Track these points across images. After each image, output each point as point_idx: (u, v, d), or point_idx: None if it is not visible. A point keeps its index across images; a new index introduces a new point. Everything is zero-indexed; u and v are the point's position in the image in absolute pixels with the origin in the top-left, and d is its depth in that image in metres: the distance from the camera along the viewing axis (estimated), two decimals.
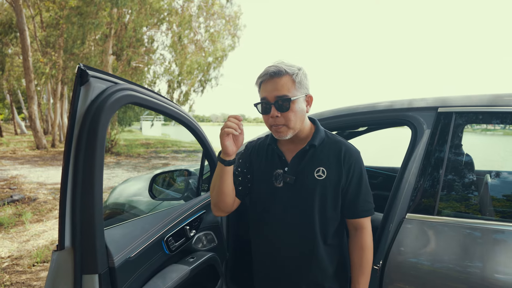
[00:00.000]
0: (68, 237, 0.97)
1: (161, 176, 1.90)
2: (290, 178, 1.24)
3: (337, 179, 1.23)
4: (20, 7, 11.70)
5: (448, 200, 1.44)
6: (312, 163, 1.25)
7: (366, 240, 1.25)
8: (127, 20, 13.55)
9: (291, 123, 1.18)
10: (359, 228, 1.26)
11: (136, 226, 1.29)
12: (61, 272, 0.99)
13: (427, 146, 1.49)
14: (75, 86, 0.90)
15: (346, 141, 1.28)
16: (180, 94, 17.57)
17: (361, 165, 1.25)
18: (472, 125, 1.56)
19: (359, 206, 1.24)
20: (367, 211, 1.25)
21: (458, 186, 1.46)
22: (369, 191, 1.27)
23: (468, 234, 1.33)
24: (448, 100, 1.53)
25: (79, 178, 0.94)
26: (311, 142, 1.25)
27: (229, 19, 16.23)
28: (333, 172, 1.23)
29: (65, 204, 0.94)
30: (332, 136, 1.30)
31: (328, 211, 1.25)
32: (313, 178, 1.23)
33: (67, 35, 12.96)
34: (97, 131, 0.94)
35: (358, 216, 1.25)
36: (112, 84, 1.01)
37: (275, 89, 1.15)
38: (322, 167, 1.23)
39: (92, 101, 0.94)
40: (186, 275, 1.42)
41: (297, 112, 1.18)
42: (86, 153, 0.94)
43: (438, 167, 1.45)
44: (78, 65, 0.89)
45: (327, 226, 1.26)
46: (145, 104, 1.13)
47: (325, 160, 1.24)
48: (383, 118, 1.65)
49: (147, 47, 15.77)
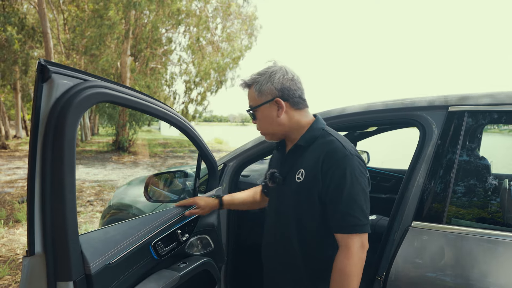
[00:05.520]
0: (39, 242, 0.93)
1: (157, 178, 1.85)
2: (278, 179, 1.22)
3: (313, 184, 1.09)
4: (43, 11, 12.07)
5: (459, 208, 1.32)
6: (296, 164, 1.18)
7: (345, 264, 1.02)
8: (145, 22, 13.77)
9: (263, 129, 1.24)
10: (340, 246, 1.06)
11: (118, 230, 1.23)
12: (34, 279, 0.95)
13: (436, 148, 1.37)
14: (36, 83, 0.85)
15: (338, 140, 1.11)
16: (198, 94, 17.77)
17: (344, 171, 1.04)
18: (489, 125, 1.43)
19: (336, 219, 1.06)
20: (347, 227, 1.03)
21: (471, 192, 1.33)
22: (357, 202, 1.04)
23: (480, 245, 1.21)
24: (460, 98, 1.40)
25: (47, 182, 0.90)
26: (298, 142, 1.19)
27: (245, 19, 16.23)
28: (310, 175, 1.10)
29: (33, 209, 0.90)
30: (327, 135, 1.15)
31: (304, 219, 1.14)
32: (294, 180, 1.16)
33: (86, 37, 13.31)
34: (64, 132, 0.89)
35: (336, 230, 1.07)
36: (81, 81, 0.96)
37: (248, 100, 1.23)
38: (303, 168, 1.14)
39: (57, 99, 0.89)
40: (176, 281, 1.36)
41: (262, 120, 1.20)
42: (54, 155, 0.89)
43: (448, 171, 1.33)
44: (38, 61, 0.85)
45: (305, 235, 1.14)
46: (122, 103, 1.08)
47: (307, 161, 1.14)
48: (389, 118, 1.54)
49: (164, 48, 15.98)
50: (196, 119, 18.98)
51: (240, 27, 16.42)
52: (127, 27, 12.98)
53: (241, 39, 16.78)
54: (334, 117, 1.71)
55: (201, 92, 17.69)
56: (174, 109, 1.40)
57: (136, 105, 1.14)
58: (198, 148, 1.62)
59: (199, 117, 18.75)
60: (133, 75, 14.20)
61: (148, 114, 1.25)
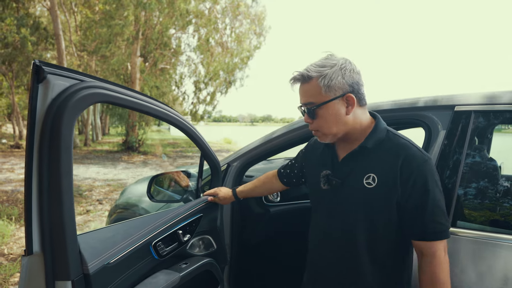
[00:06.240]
0: (37, 241, 0.93)
1: (160, 178, 1.86)
2: (336, 181, 1.12)
3: (390, 191, 1.03)
4: (56, 13, 12.30)
5: (465, 210, 1.28)
6: (362, 167, 1.08)
7: (437, 272, 1.00)
8: (154, 23, 13.90)
9: (324, 129, 1.09)
10: (426, 255, 1.03)
11: (118, 230, 1.24)
12: (33, 278, 0.96)
13: (442, 148, 1.33)
14: (31, 84, 0.86)
15: (412, 143, 1.06)
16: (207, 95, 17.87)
17: (426, 177, 1.01)
18: (500, 125, 1.39)
19: (422, 226, 1.02)
20: (435, 233, 1.01)
21: (478, 194, 1.29)
22: (440, 207, 1.02)
23: (488, 250, 1.17)
24: (466, 98, 1.35)
25: (44, 182, 0.90)
26: (364, 143, 1.08)
27: (254, 19, 16.23)
28: (386, 181, 1.03)
29: (30, 209, 0.90)
30: (394, 137, 1.08)
31: (376, 226, 1.07)
32: (361, 184, 1.06)
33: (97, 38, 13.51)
34: (61, 132, 0.89)
35: (421, 238, 1.03)
36: (77, 81, 0.96)
37: (302, 95, 1.09)
38: (374, 173, 1.05)
39: (53, 99, 0.89)
40: (176, 282, 1.36)
41: (327, 118, 1.06)
42: (51, 155, 0.90)
43: (454, 172, 1.29)
44: (33, 61, 0.85)
45: (375, 243, 1.08)
46: (120, 103, 1.08)
47: (379, 165, 1.05)
48: (392, 118, 1.50)
49: (174, 49, 16.10)
50: (205, 119, 19.09)
51: (249, 27, 16.44)
52: (137, 28, 13.13)
53: (250, 39, 16.80)
54: None
55: (210, 93, 17.79)
56: (175, 110, 1.40)
57: (134, 105, 1.14)
58: (200, 148, 1.61)
59: (208, 117, 18.86)
60: (143, 76, 14.35)
61: (147, 114, 1.24)
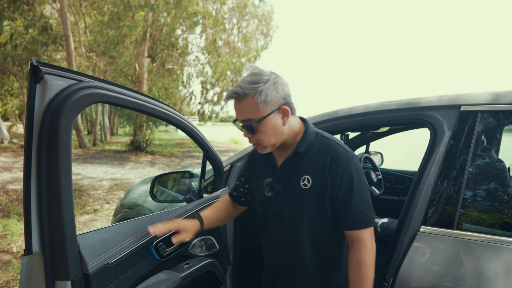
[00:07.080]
0: (36, 241, 0.94)
1: (164, 178, 1.86)
2: (278, 188, 1.20)
3: (323, 188, 1.13)
4: (65, 15, 12.45)
5: (471, 212, 1.25)
6: (298, 171, 1.17)
7: (363, 255, 1.11)
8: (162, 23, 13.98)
9: (264, 142, 1.14)
10: (355, 241, 1.14)
11: (119, 230, 1.24)
12: (33, 278, 0.96)
13: (447, 149, 1.31)
14: (29, 84, 0.86)
15: (337, 143, 1.16)
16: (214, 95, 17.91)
17: (351, 171, 1.11)
18: (505, 125, 1.35)
19: (350, 217, 1.12)
20: (360, 222, 1.12)
21: (485, 196, 1.26)
22: (365, 199, 1.13)
23: (494, 253, 1.14)
24: (473, 98, 1.33)
25: (43, 182, 0.91)
26: (297, 149, 1.17)
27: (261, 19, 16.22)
28: (319, 180, 1.13)
29: (30, 209, 0.91)
30: (322, 138, 1.18)
31: (317, 223, 1.17)
32: (299, 187, 1.15)
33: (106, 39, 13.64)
34: (59, 132, 0.89)
35: (351, 228, 1.13)
36: (75, 81, 0.96)
37: (239, 112, 1.11)
38: (308, 175, 1.15)
39: (51, 99, 0.90)
40: (177, 282, 1.35)
41: (267, 132, 1.11)
42: (49, 155, 0.90)
43: (460, 173, 1.26)
44: (31, 61, 0.85)
45: (318, 239, 1.19)
46: (119, 103, 1.08)
47: (311, 166, 1.15)
48: (397, 118, 1.48)
49: (181, 50, 16.17)
50: (213, 119, 19.15)
51: (256, 27, 16.42)
52: (144, 28, 13.22)
53: (257, 39, 16.77)
54: (342, 117, 1.67)
55: (217, 93, 17.82)
56: (176, 110, 1.39)
57: (133, 105, 1.14)
58: (202, 148, 1.61)
59: (216, 117, 18.90)
60: (151, 76, 14.45)
61: (147, 114, 1.24)
